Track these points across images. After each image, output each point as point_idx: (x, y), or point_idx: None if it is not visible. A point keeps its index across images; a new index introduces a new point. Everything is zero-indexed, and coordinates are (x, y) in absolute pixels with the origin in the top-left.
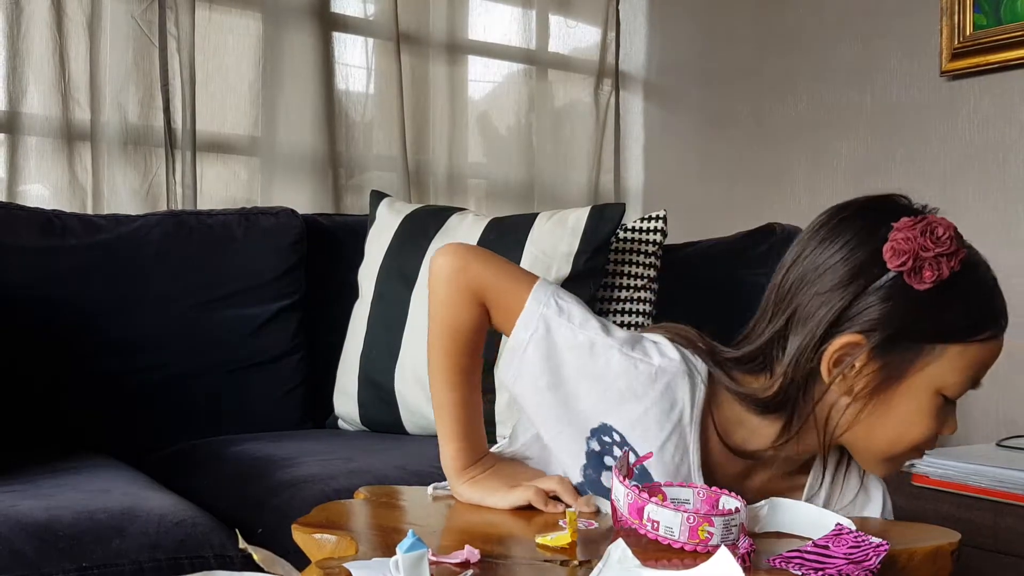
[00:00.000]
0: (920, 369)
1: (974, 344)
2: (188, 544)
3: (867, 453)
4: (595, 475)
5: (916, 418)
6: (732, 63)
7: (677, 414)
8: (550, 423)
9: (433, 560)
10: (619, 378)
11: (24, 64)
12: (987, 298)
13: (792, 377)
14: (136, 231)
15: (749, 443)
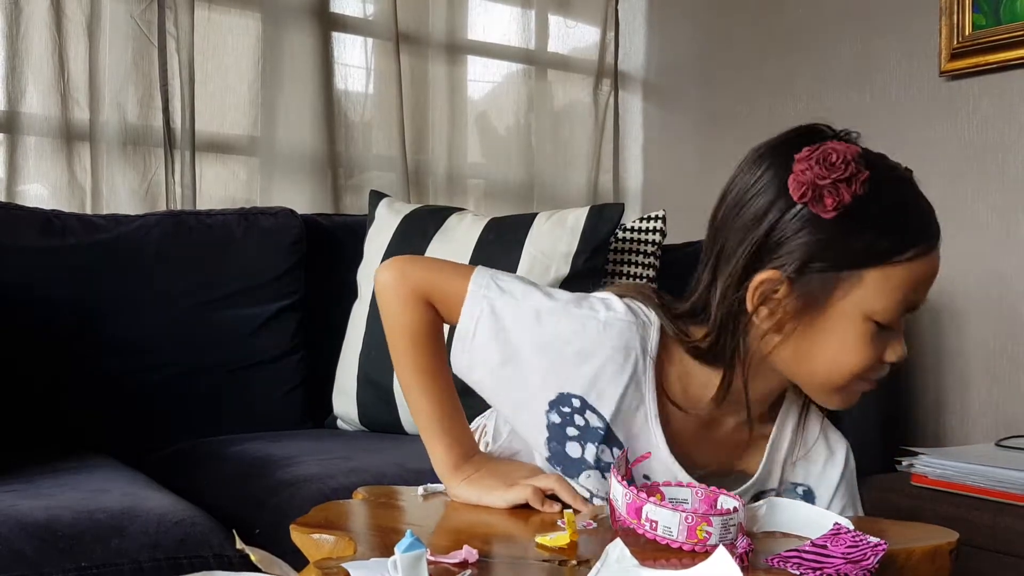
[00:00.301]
0: (843, 295)
1: (896, 266)
2: (187, 544)
3: (813, 386)
4: (560, 447)
5: (849, 346)
6: (731, 63)
7: (631, 365)
8: (508, 403)
9: (431, 560)
10: (570, 340)
11: (23, 64)
12: (903, 217)
13: (723, 321)
14: (135, 231)
15: (703, 397)
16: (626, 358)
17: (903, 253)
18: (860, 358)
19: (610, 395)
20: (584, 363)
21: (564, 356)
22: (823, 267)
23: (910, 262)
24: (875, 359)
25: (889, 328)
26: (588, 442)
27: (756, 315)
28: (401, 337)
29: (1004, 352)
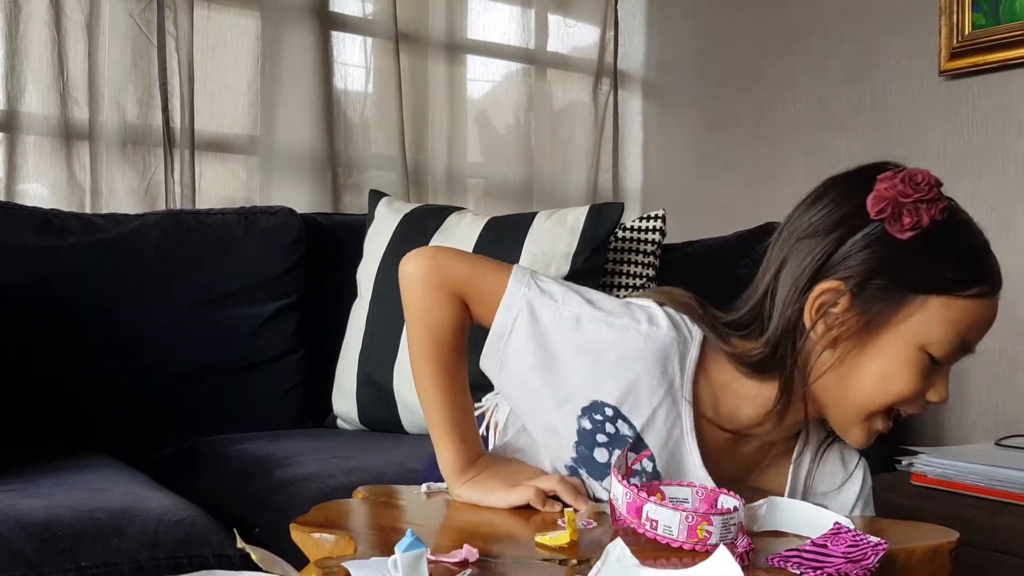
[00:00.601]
0: (902, 320)
1: (960, 299)
2: (187, 543)
3: (843, 409)
4: (588, 451)
5: (898, 371)
6: (731, 62)
7: (668, 380)
8: (538, 408)
9: (432, 559)
10: (608, 349)
11: (23, 63)
12: (973, 254)
13: (781, 332)
14: (135, 230)
15: (742, 409)
16: (663, 372)
17: (970, 288)
18: (907, 386)
19: (644, 407)
20: (622, 373)
21: (601, 364)
22: (888, 285)
23: (974, 299)
24: (919, 392)
25: (938, 366)
26: (616, 448)
27: (813, 330)
28: (426, 332)
29: (1004, 352)
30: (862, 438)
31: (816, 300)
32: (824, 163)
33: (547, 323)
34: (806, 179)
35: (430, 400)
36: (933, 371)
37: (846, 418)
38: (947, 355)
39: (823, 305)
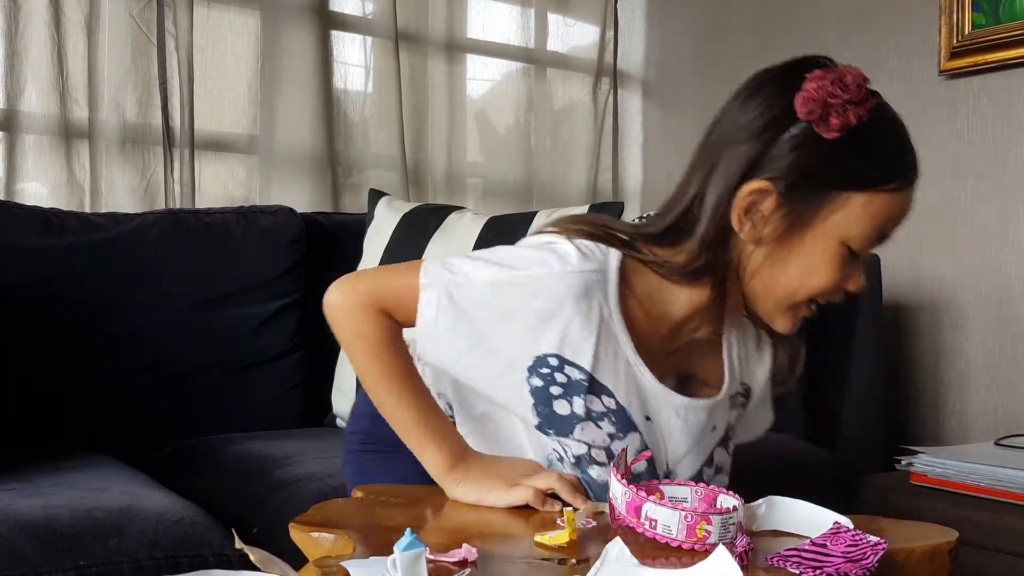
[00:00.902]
0: (826, 217)
1: (880, 194)
2: (187, 543)
3: (771, 301)
4: (547, 408)
5: (820, 265)
6: (730, 61)
7: (597, 312)
8: (485, 382)
9: (431, 559)
10: (530, 304)
11: (22, 62)
12: (895, 149)
13: (712, 234)
14: (134, 230)
15: (673, 312)
16: (589, 308)
17: (890, 183)
18: (828, 279)
19: (585, 347)
20: (550, 322)
21: (529, 320)
22: (813, 184)
23: (893, 193)
24: (839, 283)
25: (856, 257)
26: (574, 396)
27: (740, 228)
28: (364, 351)
29: (1003, 351)
30: (789, 325)
31: (745, 200)
32: None
33: (467, 303)
34: None
35: (392, 412)
36: (851, 262)
37: (773, 309)
38: (865, 247)
39: (752, 205)
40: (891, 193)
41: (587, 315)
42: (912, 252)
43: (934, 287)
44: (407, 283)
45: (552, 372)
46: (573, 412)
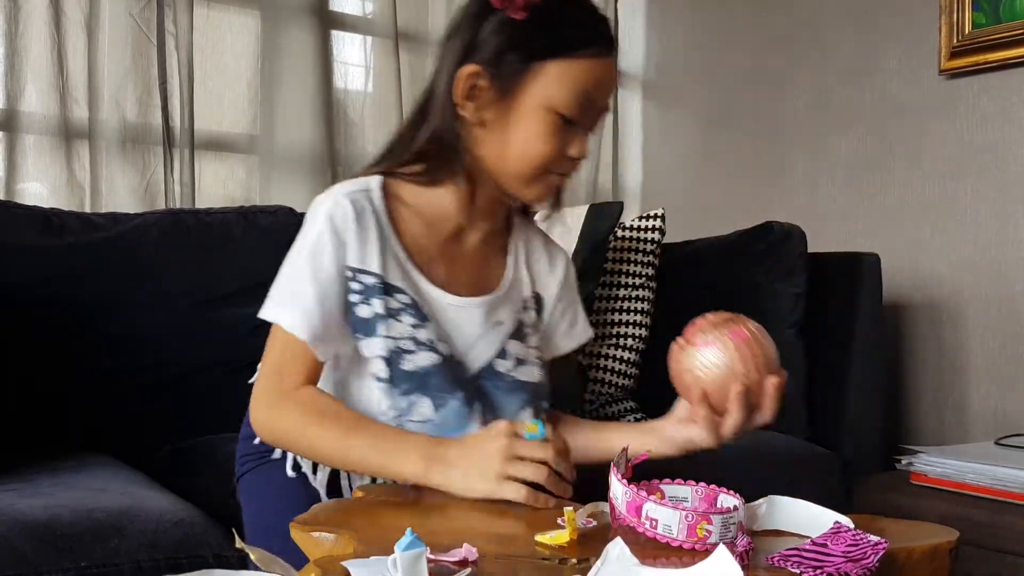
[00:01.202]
0: (530, 87)
1: (576, 60)
2: (187, 544)
3: (511, 179)
4: (353, 316)
5: (535, 135)
6: (731, 61)
7: (374, 226)
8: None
9: (431, 558)
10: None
11: (22, 62)
12: (584, 18)
13: (442, 125)
14: (134, 229)
15: (444, 211)
16: (366, 221)
17: (583, 49)
18: (544, 148)
19: (371, 255)
20: (341, 245)
21: (332, 255)
22: (514, 59)
23: (589, 59)
24: (559, 151)
25: (574, 125)
26: (372, 298)
27: (464, 110)
28: (305, 433)
29: (1003, 350)
30: (538, 194)
31: (462, 86)
32: (824, 162)
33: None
34: (806, 178)
35: (348, 445)
36: (569, 130)
37: (515, 184)
38: (576, 113)
39: (470, 90)
40: (586, 59)
41: (365, 228)
42: (912, 252)
43: (934, 287)
44: (276, 347)
45: (350, 281)
46: (375, 313)
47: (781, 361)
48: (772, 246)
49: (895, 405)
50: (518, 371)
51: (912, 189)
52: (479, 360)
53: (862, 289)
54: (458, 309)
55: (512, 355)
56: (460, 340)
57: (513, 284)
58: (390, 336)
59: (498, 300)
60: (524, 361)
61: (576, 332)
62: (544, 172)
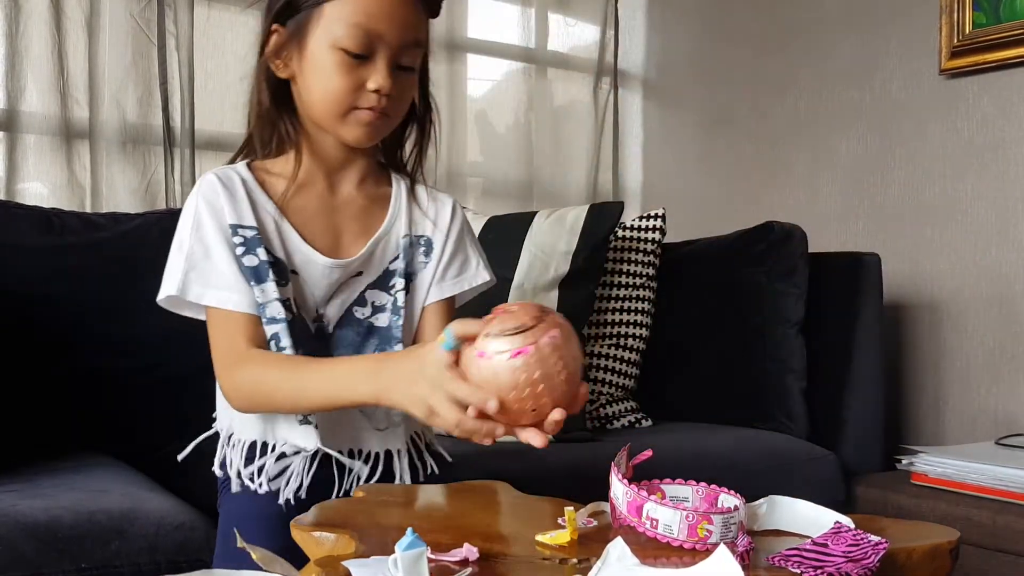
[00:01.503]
0: (315, 32)
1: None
2: (187, 548)
3: (326, 122)
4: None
5: (329, 74)
6: (731, 61)
7: (244, 194)
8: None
9: (432, 558)
10: (204, 210)
11: (23, 62)
12: None
13: (265, 93)
14: (135, 229)
15: (310, 177)
16: (236, 189)
17: None
18: (338, 84)
19: (243, 211)
20: (220, 210)
21: (216, 219)
22: (295, 11)
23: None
24: (352, 85)
25: (366, 59)
26: (256, 248)
27: (278, 70)
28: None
29: (1004, 350)
30: (356, 135)
31: (271, 49)
32: (824, 162)
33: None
34: (806, 178)
35: (310, 393)
36: (362, 64)
37: (331, 125)
38: (360, 46)
39: (277, 48)
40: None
41: (234, 192)
42: (913, 252)
43: (934, 286)
44: (215, 325)
45: (233, 236)
46: (261, 260)
47: (781, 360)
48: (773, 246)
49: (895, 405)
50: (374, 318)
51: (912, 189)
52: (336, 311)
53: (862, 289)
54: (324, 268)
55: (370, 304)
56: (318, 295)
57: (386, 235)
58: (274, 294)
59: (367, 254)
60: (383, 309)
61: (467, 276)
62: (349, 108)
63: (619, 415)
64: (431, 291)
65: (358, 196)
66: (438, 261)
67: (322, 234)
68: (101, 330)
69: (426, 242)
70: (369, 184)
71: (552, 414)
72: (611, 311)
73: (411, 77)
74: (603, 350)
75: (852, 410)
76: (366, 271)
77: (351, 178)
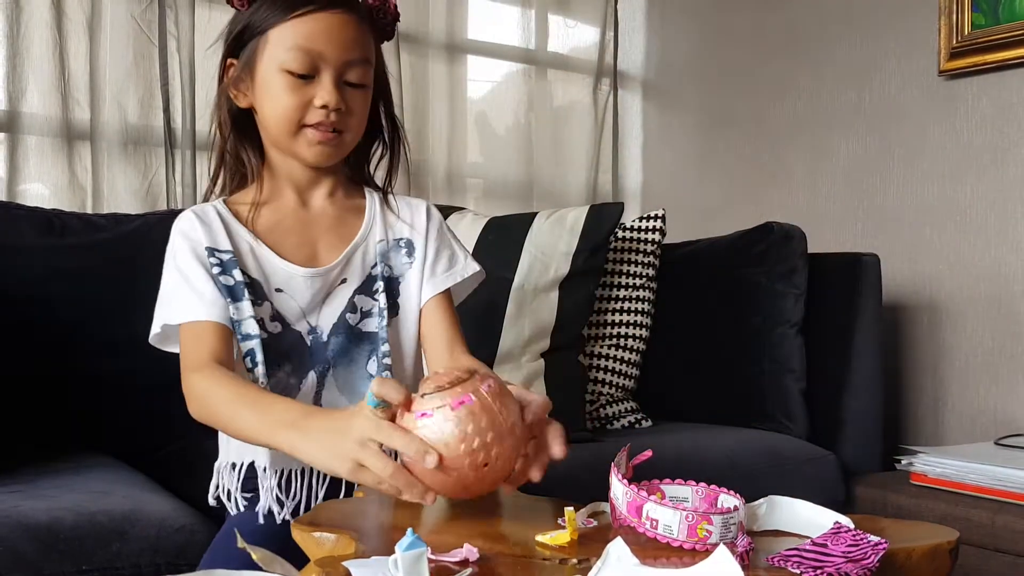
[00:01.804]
0: (263, 58)
1: (287, 22)
2: (188, 550)
3: (279, 143)
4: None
5: (277, 95)
6: (730, 62)
7: (220, 225)
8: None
9: (432, 558)
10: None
11: (24, 63)
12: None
13: (226, 120)
14: (136, 230)
15: (280, 197)
16: (206, 216)
17: (290, 12)
18: (287, 103)
19: (219, 237)
20: (195, 242)
21: (185, 254)
22: (245, 41)
23: (297, 18)
24: (300, 104)
25: (311, 79)
26: (232, 269)
27: (237, 100)
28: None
29: (1003, 351)
30: (309, 152)
31: (229, 80)
32: (823, 163)
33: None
34: (806, 179)
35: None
36: (308, 83)
37: (286, 146)
38: (302, 66)
39: (234, 82)
40: (294, 19)
41: (209, 223)
42: (912, 252)
43: (934, 287)
44: (183, 340)
45: (209, 258)
46: (236, 281)
47: (781, 361)
48: (772, 247)
49: (895, 405)
50: (364, 323)
51: (912, 190)
52: (329, 319)
53: (862, 289)
54: (310, 279)
55: (360, 310)
56: (308, 307)
57: (363, 242)
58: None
59: (345, 260)
60: (370, 313)
61: (457, 268)
62: (299, 126)
63: (619, 415)
64: (424, 289)
65: (330, 208)
66: (423, 259)
67: (298, 248)
68: (102, 331)
69: (407, 243)
70: (341, 196)
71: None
72: (611, 312)
73: (361, 92)
74: (603, 350)
75: (851, 410)
76: (349, 278)
77: (321, 193)
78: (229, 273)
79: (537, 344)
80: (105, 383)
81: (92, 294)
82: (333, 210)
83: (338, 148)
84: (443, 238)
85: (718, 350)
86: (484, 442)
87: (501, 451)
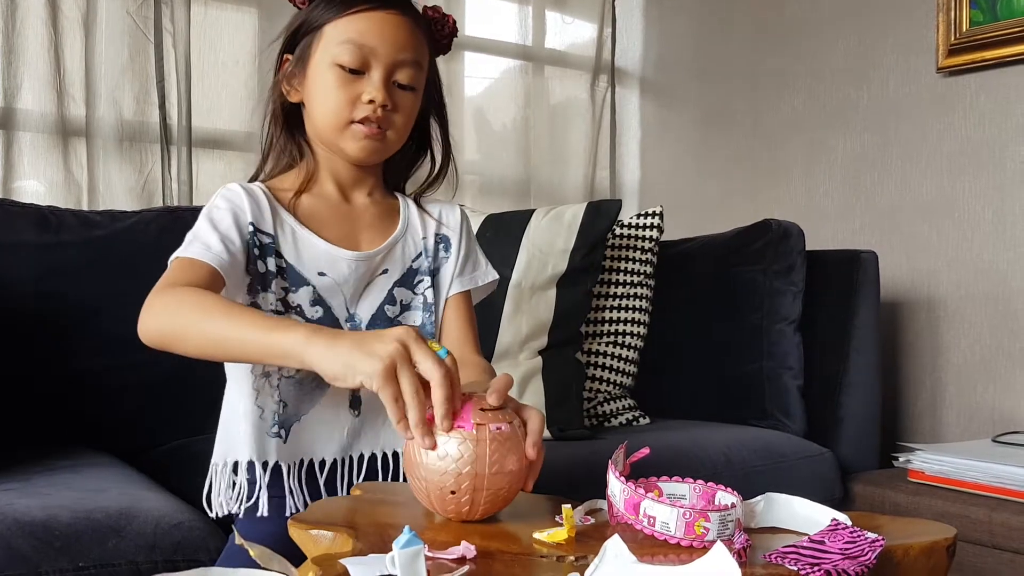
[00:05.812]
0: (316, 53)
1: (342, 18)
2: (185, 547)
3: (329, 138)
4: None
5: (328, 90)
6: (728, 59)
7: (267, 205)
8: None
9: (429, 556)
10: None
11: (19, 60)
12: None
13: (276, 113)
14: (132, 227)
15: (321, 189)
16: (259, 200)
17: (347, 9)
18: (337, 97)
19: (264, 218)
20: (240, 210)
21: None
22: (300, 37)
23: (353, 15)
24: (349, 99)
25: (361, 74)
26: (268, 256)
27: (289, 95)
28: (181, 311)
29: (1000, 348)
30: (354, 148)
31: (283, 75)
32: (822, 159)
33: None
34: (804, 176)
35: (234, 332)
36: (358, 79)
37: (334, 142)
38: (354, 61)
39: (286, 76)
40: (350, 15)
41: (257, 200)
42: (910, 249)
43: (932, 284)
44: (170, 269)
45: (252, 238)
46: (268, 270)
47: (779, 358)
48: (770, 244)
49: (892, 402)
50: (404, 316)
51: (910, 187)
52: (368, 310)
53: (860, 287)
54: (355, 263)
55: (399, 302)
56: (350, 293)
57: (403, 236)
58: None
59: (387, 249)
60: (409, 307)
61: (480, 273)
62: (347, 121)
63: (617, 413)
64: (452, 284)
65: (371, 205)
66: (457, 256)
67: (341, 236)
68: (98, 328)
69: (444, 239)
70: (378, 197)
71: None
72: (609, 309)
73: (410, 94)
74: (601, 348)
75: (849, 407)
76: (391, 269)
77: (362, 191)
78: (264, 259)
79: (535, 341)
80: (102, 380)
81: (88, 291)
82: (373, 207)
83: (382, 146)
84: (472, 241)
85: (716, 347)
86: (458, 473)
87: (473, 489)
